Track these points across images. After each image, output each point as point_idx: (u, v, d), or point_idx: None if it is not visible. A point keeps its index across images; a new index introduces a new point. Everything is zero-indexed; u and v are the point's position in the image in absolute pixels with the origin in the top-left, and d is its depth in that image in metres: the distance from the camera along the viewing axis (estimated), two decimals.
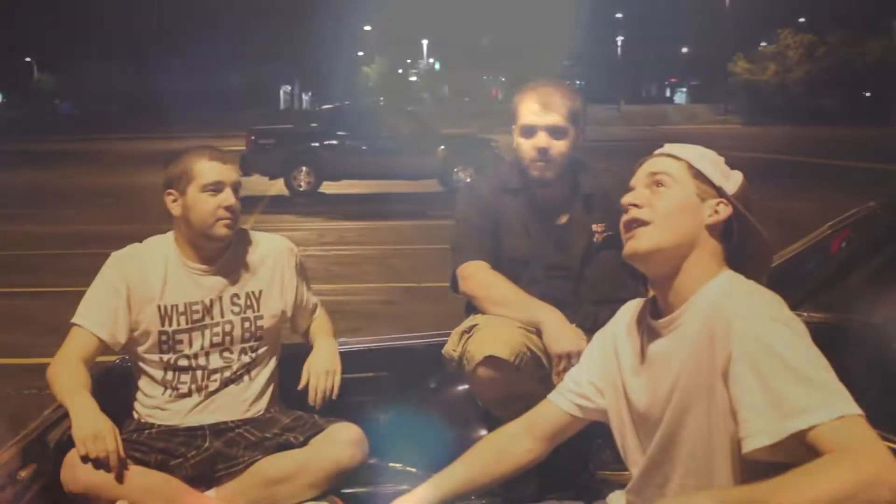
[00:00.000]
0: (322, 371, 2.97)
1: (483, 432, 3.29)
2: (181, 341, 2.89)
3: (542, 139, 3.09)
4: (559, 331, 2.85)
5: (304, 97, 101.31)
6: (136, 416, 2.94)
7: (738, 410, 1.74)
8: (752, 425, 1.70)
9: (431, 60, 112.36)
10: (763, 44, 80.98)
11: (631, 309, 2.19)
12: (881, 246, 3.30)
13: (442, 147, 20.42)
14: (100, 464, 2.50)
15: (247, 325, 2.95)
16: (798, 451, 1.65)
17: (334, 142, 19.90)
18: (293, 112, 73.33)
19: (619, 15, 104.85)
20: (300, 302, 3.12)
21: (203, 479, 2.76)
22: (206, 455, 2.80)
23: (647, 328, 2.05)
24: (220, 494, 2.73)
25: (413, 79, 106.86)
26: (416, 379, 3.46)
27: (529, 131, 3.12)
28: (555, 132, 3.10)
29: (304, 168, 19.58)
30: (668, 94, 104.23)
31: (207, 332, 2.91)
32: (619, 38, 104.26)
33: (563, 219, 3.22)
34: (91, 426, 2.53)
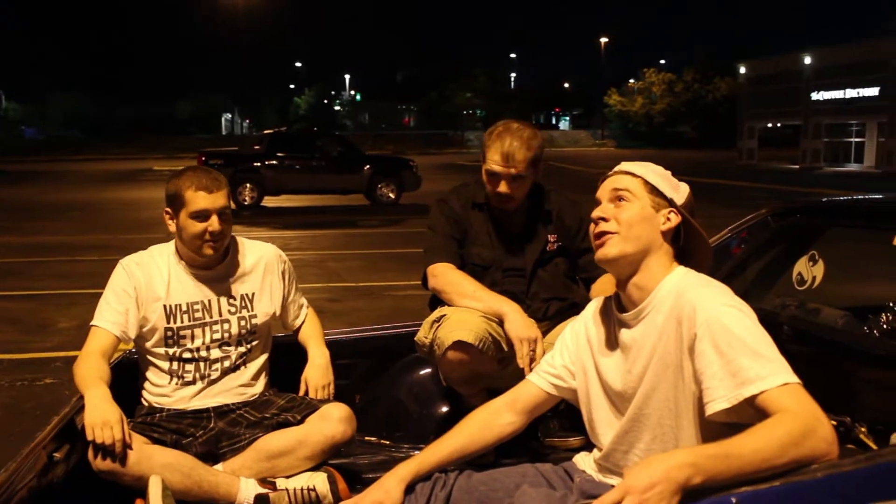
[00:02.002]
0: (319, 386, 2.93)
1: (445, 409, 3.30)
2: (185, 337, 2.82)
3: (503, 186, 3.06)
4: (519, 320, 2.86)
5: (244, 124, 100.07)
6: (145, 402, 2.86)
7: (702, 381, 1.81)
8: (713, 392, 1.78)
9: (353, 92, 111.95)
10: (632, 81, 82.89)
11: (595, 305, 2.23)
12: (771, 245, 3.37)
13: (367, 166, 20.47)
14: (106, 449, 2.39)
15: (243, 322, 2.88)
16: (750, 413, 1.75)
17: (274, 162, 19.79)
18: (235, 137, 72.26)
19: (512, 55, 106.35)
20: (288, 303, 3.06)
21: (209, 455, 2.68)
22: (211, 434, 2.74)
23: (617, 320, 2.08)
24: (226, 468, 2.66)
25: (337, 108, 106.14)
26: (386, 364, 3.42)
27: (493, 177, 3.07)
28: (515, 179, 3.05)
29: (248, 185, 19.48)
30: (553, 121, 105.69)
31: (208, 329, 2.84)
32: (513, 75, 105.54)
33: (522, 229, 3.21)
34: (100, 414, 2.42)
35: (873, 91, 40.14)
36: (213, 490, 2.54)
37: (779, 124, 50.92)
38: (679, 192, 2.06)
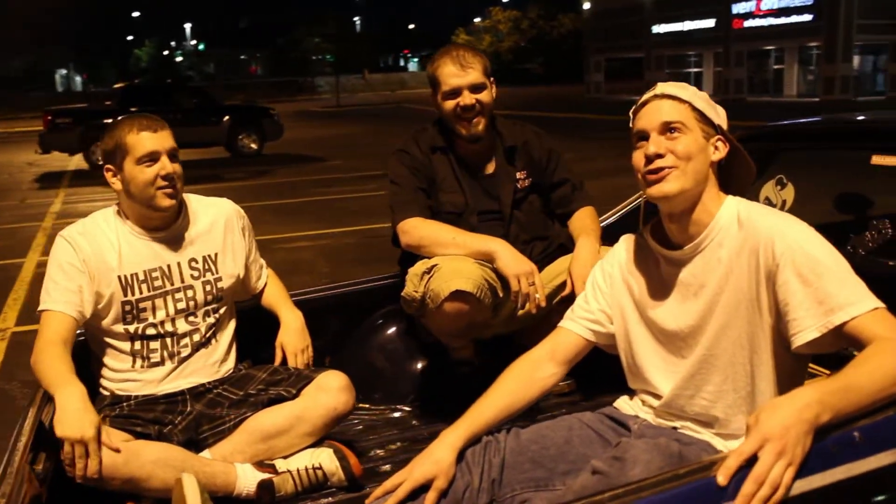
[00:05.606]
0: (297, 351, 2.65)
1: (422, 364, 3.13)
2: (145, 310, 2.46)
3: (466, 97, 2.86)
4: (510, 256, 2.69)
5: (79, 79, 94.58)
6: (105, 391, 2.49)
7: (787, 312, 1.72)
8: (801, 322, 1.70)
9: (195, 42, 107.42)
10: (478, 19, 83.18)
11: (627, 244, 2.07)
12: None
13: (226, 117, 19.64)
14: (85, 462, 2.05)
15: (208, 287, 2.55)
16: (833, 341, 1.68)
17: None
18: (74, 93, 68.02)
19: None
20: (250, 263, 2.74)
21: (190, 442, 2.37)
22: (190, 418, 2.43)
23: (664, 258, 1.94)
24: (214, 455, 2.35)
25: (180, 59, 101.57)
26: (353, 322, 3.19)
27: (453, 93, 2.87)
28: (476, 88, 2.87)
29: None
30: (402, 63, 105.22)
31: (170, 298, 2.49)
32: (356, 19, 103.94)
33: (490, 169, 3.01)
34: (76, 427, 2.04)
35: (709, 23, 41.80)
36: (210, 482, 2.23)
37: (623, 57, 52.41)
38: (720, 114, 1.91)
